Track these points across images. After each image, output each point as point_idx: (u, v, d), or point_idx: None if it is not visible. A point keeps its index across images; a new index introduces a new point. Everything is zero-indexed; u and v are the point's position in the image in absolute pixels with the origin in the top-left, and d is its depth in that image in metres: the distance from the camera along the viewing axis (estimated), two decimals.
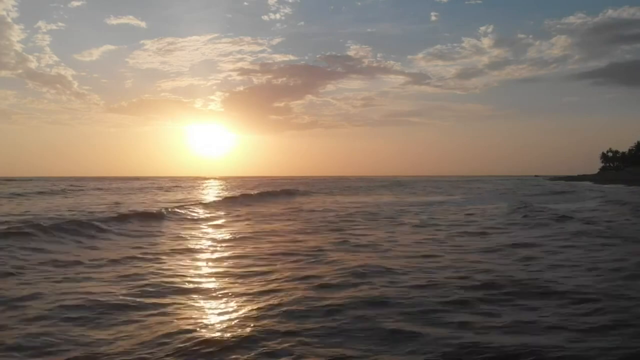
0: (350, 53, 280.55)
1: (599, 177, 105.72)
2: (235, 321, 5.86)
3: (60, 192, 43.17)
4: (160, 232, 15.53)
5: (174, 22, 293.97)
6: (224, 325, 5.74)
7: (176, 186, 72.48)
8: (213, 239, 13.96)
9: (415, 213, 22.99)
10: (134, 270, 9.00)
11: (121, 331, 5.56)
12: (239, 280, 8.21)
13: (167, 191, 52.91)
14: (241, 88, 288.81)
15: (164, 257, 10.54)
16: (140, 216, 18.49)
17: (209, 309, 6.55)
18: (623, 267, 8.85)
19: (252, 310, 6.30)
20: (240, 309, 6.39)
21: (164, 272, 8.90)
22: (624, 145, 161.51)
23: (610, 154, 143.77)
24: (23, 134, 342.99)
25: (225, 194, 43.20)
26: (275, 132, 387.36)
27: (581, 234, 13.64)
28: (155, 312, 6.33)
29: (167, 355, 4.77)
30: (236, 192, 44.36)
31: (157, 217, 19.14)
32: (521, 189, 57.56)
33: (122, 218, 17.32)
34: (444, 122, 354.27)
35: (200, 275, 8.75)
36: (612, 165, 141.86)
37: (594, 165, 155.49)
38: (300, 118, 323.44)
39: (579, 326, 5.58)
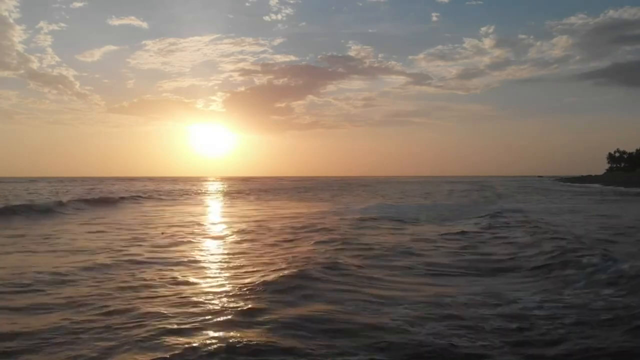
0: (352, 53, 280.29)
1: (609, 179, 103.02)
2: None
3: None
4: None
5: (175, 22, 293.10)
6: None
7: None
8: None
9: None
10: None
11: None
12: None
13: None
14: (242, 88, 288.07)
15: None
16: None
17: None
18: None
19: None
20: None
21: None
22: (625, 146, 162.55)
23: (617, 155, 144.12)
24: (25, 134, 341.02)
25: None
26: (276, 132, 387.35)
27: None
28: None
29: None
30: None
31: None
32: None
33: None
34: (445, 122, 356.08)
35: None
36: (618, 165, 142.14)
37: (598, 166, 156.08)
38: (301, 118, 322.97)
39: None
